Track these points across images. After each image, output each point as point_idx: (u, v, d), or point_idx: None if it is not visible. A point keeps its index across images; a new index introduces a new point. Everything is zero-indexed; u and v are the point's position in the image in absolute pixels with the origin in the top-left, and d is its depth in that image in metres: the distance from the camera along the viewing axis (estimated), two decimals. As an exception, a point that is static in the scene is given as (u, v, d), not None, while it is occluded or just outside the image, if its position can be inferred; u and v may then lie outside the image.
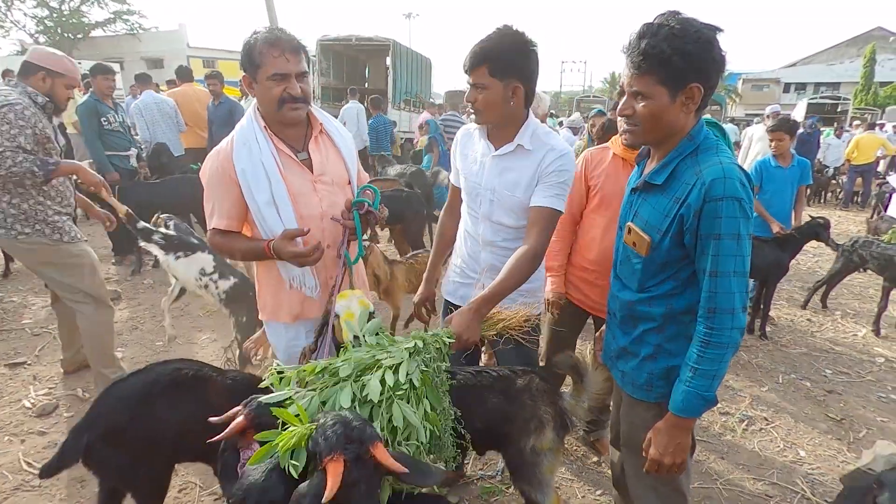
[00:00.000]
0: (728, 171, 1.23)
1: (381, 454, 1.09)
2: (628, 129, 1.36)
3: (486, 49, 1.65)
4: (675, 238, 1.32)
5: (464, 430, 1.47)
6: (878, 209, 8.67)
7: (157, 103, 6.13)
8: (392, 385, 1.29)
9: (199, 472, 2.34)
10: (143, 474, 1.69)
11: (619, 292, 1.53)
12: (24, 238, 2.65)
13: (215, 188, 1.68)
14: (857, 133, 10.93)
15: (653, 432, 1.39)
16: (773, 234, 3.95)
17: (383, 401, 1.27)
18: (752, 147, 6.44)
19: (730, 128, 11.95)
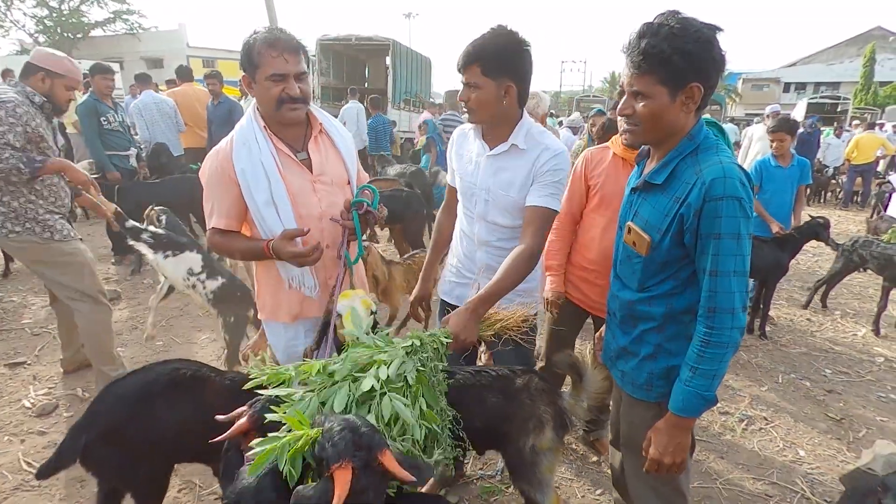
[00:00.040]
0: (728, 171, 1.23)
1: (389, 461, 1.06)
2: (628, 128, 1.36)
3: (479, 48, 1.65)
4: (675, 237, 1.32)
5: (462, 433, 1.46)
6: (877, 209, 8.67)
7: (156, 103, 6.13)
8: (385, 380, 1.28)
9: (199, 472, 2.34)
10: (141, 474, 1.68)
11: (619, 292, 1.53)
12: (15, 237, 2.66)
13: (215, 188, 1.68)
14: (856, 133, 10.94)
15: (653, 432, 1.39)
16: (772, 233, 3.96)
17: (376, 394, 1.27)
18: (752, 147, 6.45)
19: (729, 127, 11.96)
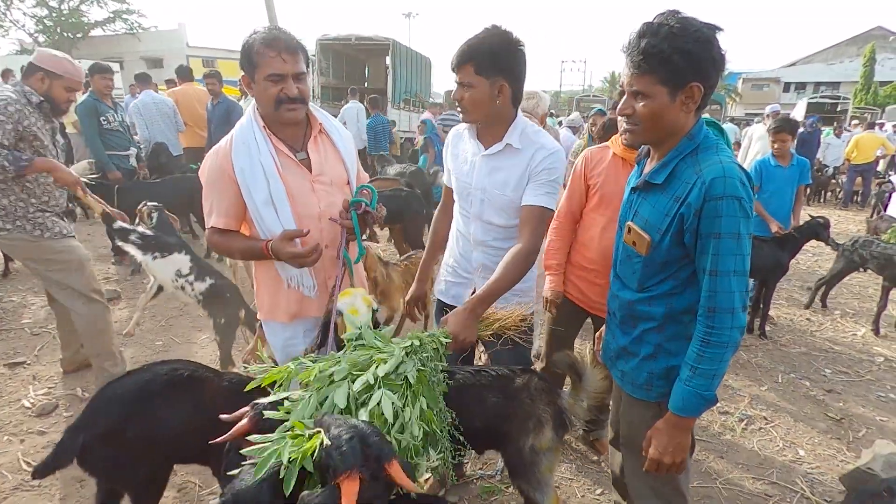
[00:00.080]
0: (728, 170, 1.23)
1: (397, 472, 1.05)
2: (628, 128, 1.36)
3: (473, 47, 1.66)
4: (675, 237, 1.32)
5: (460, 436, 1.46)
6: (877, 209, 8.68)
7: (155, 103, 6.13)
8: (383, 376, 1.28)
9: (199, 472, 2.34)
10: (138, 475, 1.67)
11: (619, 292, 1.53)
12: (5, 234, 2.66)
13: (214, 187, 1.68)
14: (856, 132, 10.93)
15: (652, 432, 1.39)
16: (772, 233, 3.96)
17: (372, 390, 1.26)
18: (752, 146, 6.45)
19: (729, 127, 11.95)
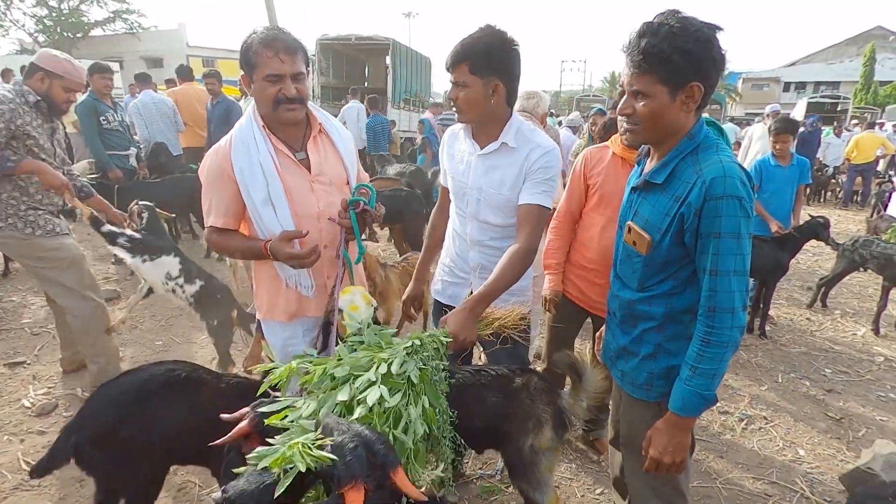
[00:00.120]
0: (728, 170, 1.23)
1: (402, 481, 1.03)
2: (629, 128, 1.36)
3: (467, 47, 1.66)
4: (675, 237, 1.32)
5: (460, 438, 1.46)
6: (877, 208, 8.68)
7: (155, 103, 6.13)
8: (385, 374, 1.28)
9: (199, 472, 2.34)
10: (133, 475, 1.66)
11: (619, 291, 1.53)
12: None
13: (213, 186, 1.68)
14: (856, 132, 10.93)
15: (652, 431, 1.39)
16: (771, 233, 3.96)
17: (371, 387, 1.26)
18: (752, 146, 6.45)
19: (729, 127, 11.94)
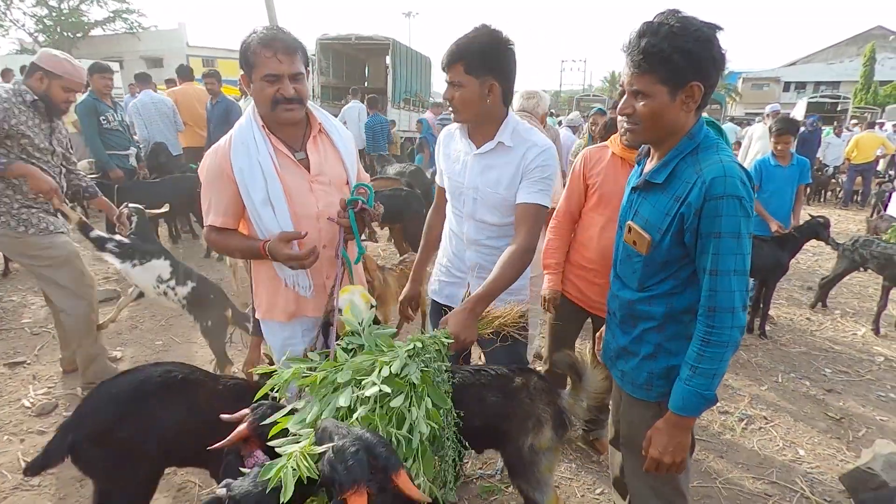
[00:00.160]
0: (728, 170, 1.23)
1: (404, 482, 1.03)
2: (629, 128, 1.36)
3: (462, 47, 1.66)
4: (675, 237, 1.32)
5: (463, 439, 1.46)
6: (877, 208, 8.68)
7: (154, 103, 6.13)
8: (388, 376, 1.28)
9: (198, 472, 2.34)
10: (128, 476, 1.65)
11: (620, 291, 1.53)
12: None
13: (212, 186, 1.68)
14: (856, 132, 10.93)
15: (652, 431, 1.39)
16: (771, 232, 3.96)
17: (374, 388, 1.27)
18: (752, 146, 6.45)
19: (729, 127, 11.94)
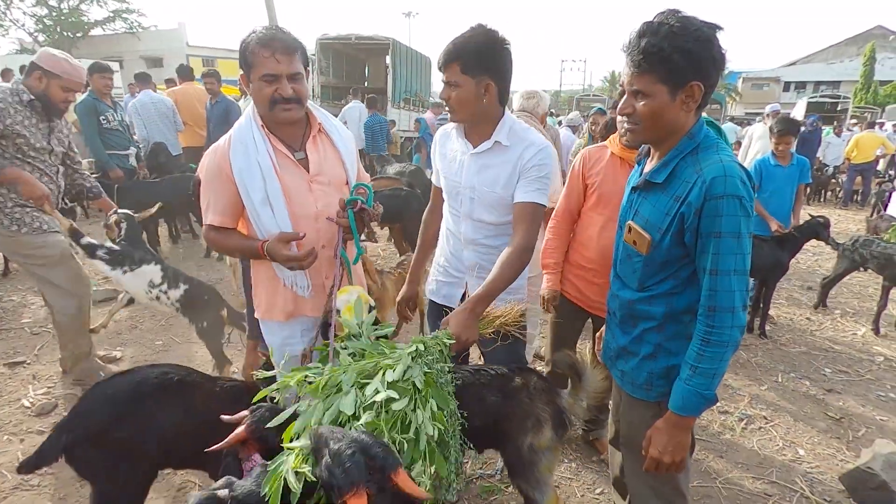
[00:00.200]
0: (729, 169, 1.23)
1: (404, 481, 1.02)
2: (629, 127, 1.36)
3: (459, 47, 1.66)
4: (675, 236, 1.32)
5: (466, 439, 1.46)
6: (877, 208, 8.68)
7: (153, 103, 6.12)
8: (391, 382, 1.28)
9: (198, 472, 2.33)
10: (121, 478, 1.64)
11: (619, 291, 1.52)
12: None
13: (211, 185, 1.69)
14: (856, 131, 10.92)
15: (652, 431, 1.39)
16: (771, 232, 3.95)
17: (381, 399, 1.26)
18: (753, 146, 6.45)
19: (729, 126, 11.93)
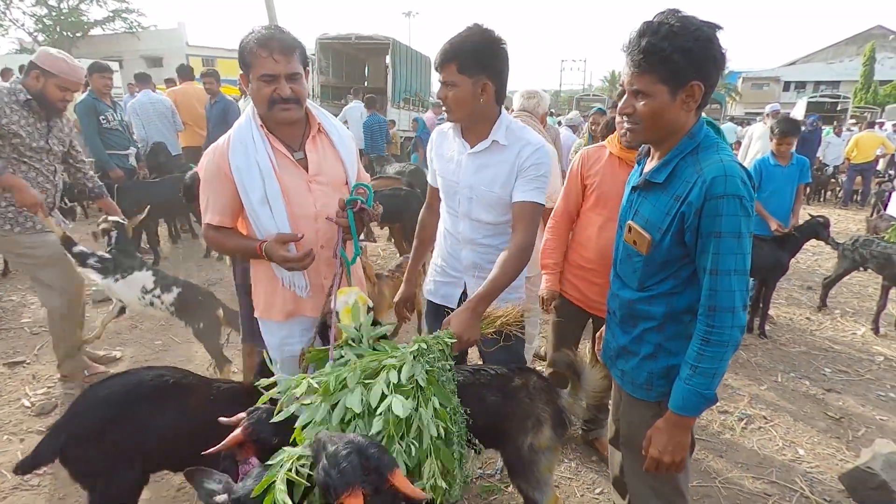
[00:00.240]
0: (729, 169, 1.23)
1: (400, 481, 1.02)
2: (629, 127, 1.35)
3: (455, 47, 1.66)
4: (675, 236, 1.32)
5: (472, 438, 1.47)
6: (877, 208, 8.68)
7: (152, 103, 6.12)
8: (395, 384, 1.29)
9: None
10: (115, 479, 1.64)
11: (620, 291, 1.52)
12: None
13: (210, 184, 1.69)
14: (856, 131, 10.92)
15: (652, 431, 1.39)
16: (771, 231, 3.95)
17: (384, 397, 1.27)
18: (752, 145, 6.45)
19: (729, 126, 11.94)
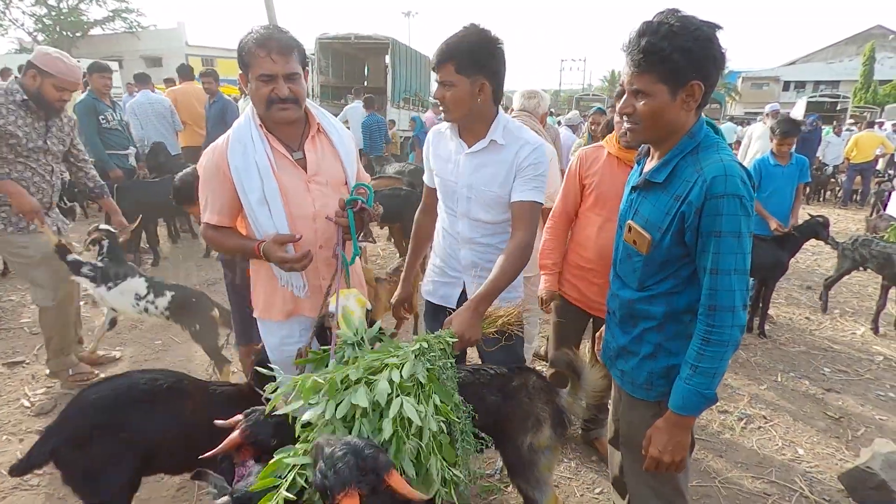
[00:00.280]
0: (729, 169, 1.23)
1: (397, 482, 1.03)
2: (629, 127, 1.35)
3: (452, 47, 1.67)
4: (675, 236, 1.31)
5: (478, 434, 1.46)
6: (877, 207, 8.69)
7: (151, 103, 6.11)
8: (399, 383, 1.29)
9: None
10: (108, 482, 1.64)
11: (619, 291, 1.52)
12: None
13: (209, 184, 1.69)
14: (856, 131, 10.93)
15: (652, 431, 1.39)
16: (771, 230, 3.95)
17: (392, 399, 1.27)
18: (752, 145, 6.45)
19: (729, 126, 11.94)
